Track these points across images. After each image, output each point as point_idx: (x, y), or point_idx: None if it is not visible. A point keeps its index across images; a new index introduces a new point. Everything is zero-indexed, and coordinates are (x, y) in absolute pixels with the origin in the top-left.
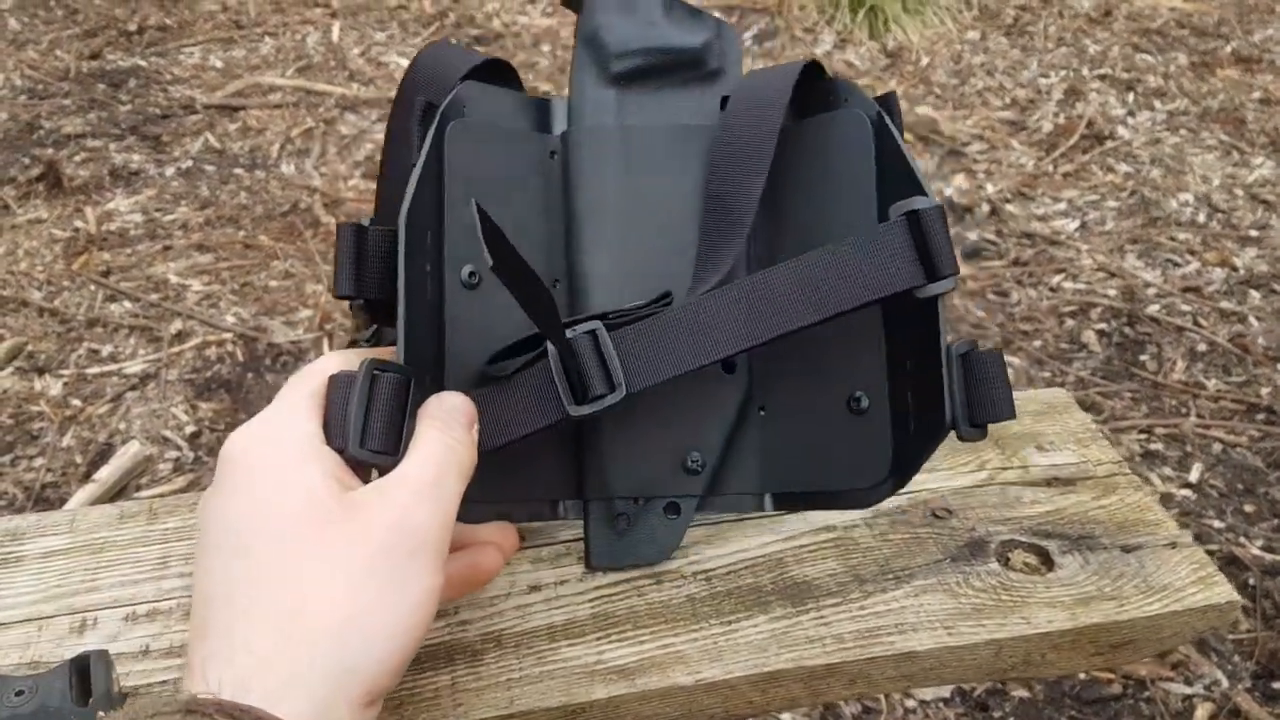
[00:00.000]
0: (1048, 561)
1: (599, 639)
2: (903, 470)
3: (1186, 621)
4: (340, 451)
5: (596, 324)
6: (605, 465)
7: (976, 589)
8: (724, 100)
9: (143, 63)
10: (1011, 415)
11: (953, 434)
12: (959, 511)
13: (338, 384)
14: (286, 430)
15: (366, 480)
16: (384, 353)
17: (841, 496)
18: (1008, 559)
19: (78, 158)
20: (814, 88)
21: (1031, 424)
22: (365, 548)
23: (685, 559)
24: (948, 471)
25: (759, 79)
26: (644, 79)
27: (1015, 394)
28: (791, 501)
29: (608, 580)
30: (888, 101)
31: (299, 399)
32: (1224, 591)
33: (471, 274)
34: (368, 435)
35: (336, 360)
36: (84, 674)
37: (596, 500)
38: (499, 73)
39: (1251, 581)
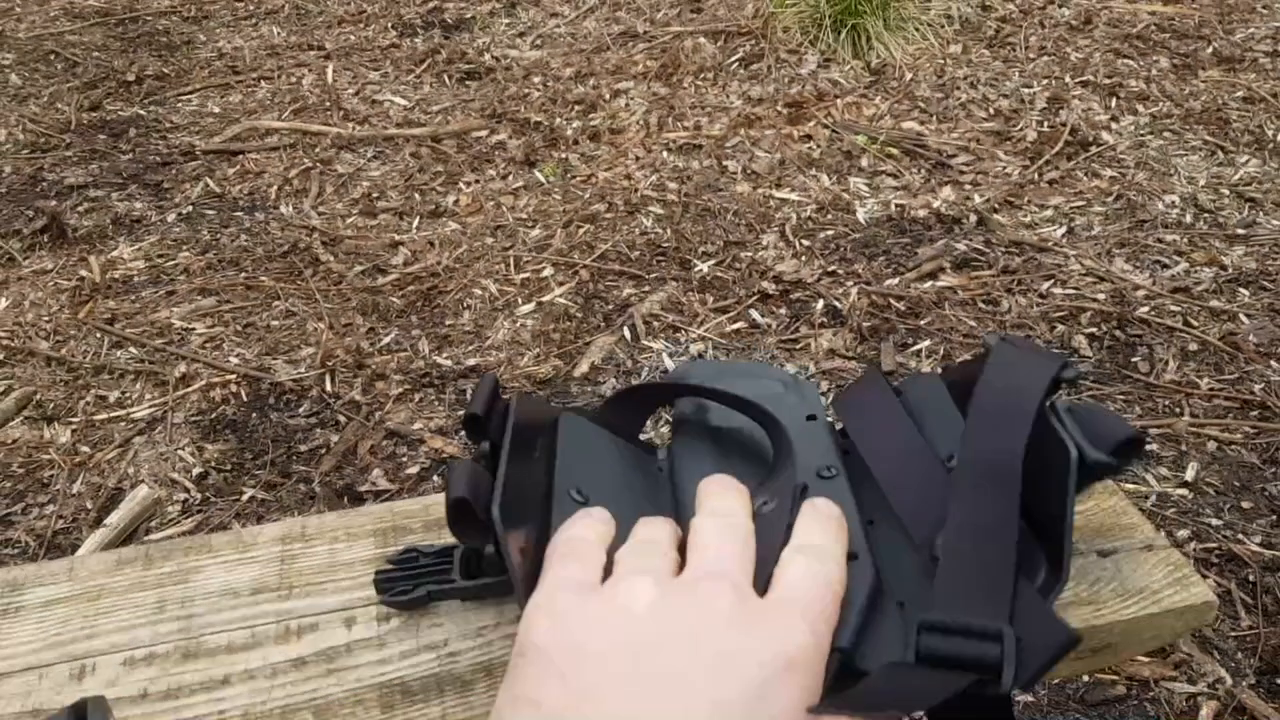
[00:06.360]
0: None
1: None
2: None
3: (1165, 623)
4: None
5: None
6: None
7: None
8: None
9: (142, 112)
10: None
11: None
12: None
13: None
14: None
15: None
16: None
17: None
18: None
19: (81, 208)
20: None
21: None
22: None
23: None
24: None
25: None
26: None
27: None
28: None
29: None
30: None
31: (591, 572)
32: (1200, 592)
33: (578, 490)
34: None
35: (587, 524)
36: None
37: None
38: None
39: (1251, 577)
